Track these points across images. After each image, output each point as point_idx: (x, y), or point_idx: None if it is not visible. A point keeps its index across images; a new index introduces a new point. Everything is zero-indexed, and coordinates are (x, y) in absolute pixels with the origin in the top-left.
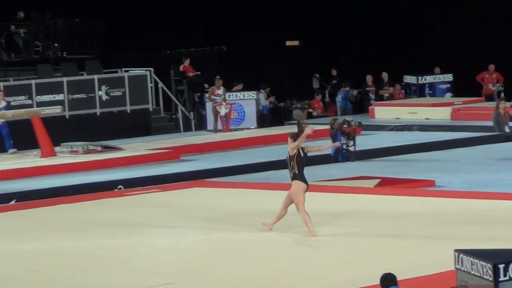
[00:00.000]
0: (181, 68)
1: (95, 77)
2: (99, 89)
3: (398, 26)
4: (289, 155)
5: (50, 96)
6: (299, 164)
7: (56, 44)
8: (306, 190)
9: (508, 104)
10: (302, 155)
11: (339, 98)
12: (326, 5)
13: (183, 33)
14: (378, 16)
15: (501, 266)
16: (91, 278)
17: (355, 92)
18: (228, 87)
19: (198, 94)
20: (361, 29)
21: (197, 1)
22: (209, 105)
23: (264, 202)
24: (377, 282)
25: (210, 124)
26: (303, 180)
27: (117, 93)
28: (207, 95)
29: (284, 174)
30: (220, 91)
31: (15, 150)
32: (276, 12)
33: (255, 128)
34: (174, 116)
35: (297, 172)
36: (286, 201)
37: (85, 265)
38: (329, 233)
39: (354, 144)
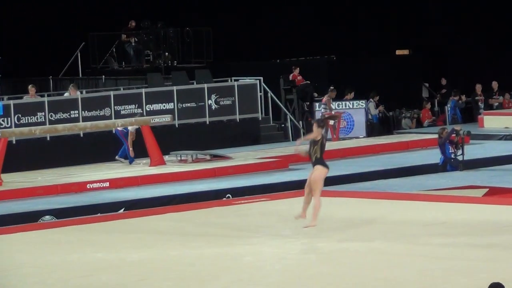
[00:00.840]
0: (290, 77)
1: (205, 86)
2: (209, 98)
3: (509, 34)
4: (313, 140)
5: (160, 105)
6: (322, 149)
7: (166, 53)
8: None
9: None
10: (324, 141)
11: (448, 107)
12: (435, 15)
13: (293, 42)
14: (488, 24)
15: None
16: (196, 287)
17: (463, 99)
18: (338, 96)
19: (308, 103)
20: (470, 37)
21: (305, 10)
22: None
23: (372, 211)
24: None
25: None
26: (325, 165)
27: (226, 102)
28: (317, 104)
29: (391, 184)
30: (331, 100)
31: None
32: (386, 21)
33: (364, 137)
34: (283, 125)
35: (319, 156)
36: (308, 187)
37: (192, 274)
38: (435, 242)
39: (462, 153)
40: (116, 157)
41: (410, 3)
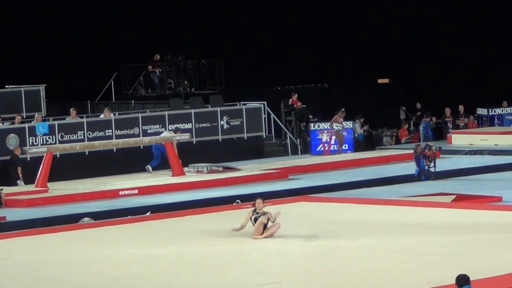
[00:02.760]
0: (290, 101)
1: (218, 109)
2: (221, 119)
3: (469, 66)
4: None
5: (180, 125)
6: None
7: (185, 82)
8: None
9: None
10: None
11: (421, 127)
12: (411, 50)
13: (292, 72)
14: (455, 57)
15: None
16: (211, 277)
17: (434, 120)
18: (330, 118)
19: (304, 123)
20: (441, 70)
21: (302, 47)
22: (314, 133)
23: (358, 214)
24: (453, 282)
25: (314, 149)
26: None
27: (236, 122)
28: (311, 124)
29: (374, 191)
30: (342, 119)
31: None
32: (370, 55)
33: (352, 152)
34: (283, 142)
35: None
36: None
37: (207, 267)
38: (411, 240)
39: (434, 166)
40: (147, 166)
41: (391, 40)
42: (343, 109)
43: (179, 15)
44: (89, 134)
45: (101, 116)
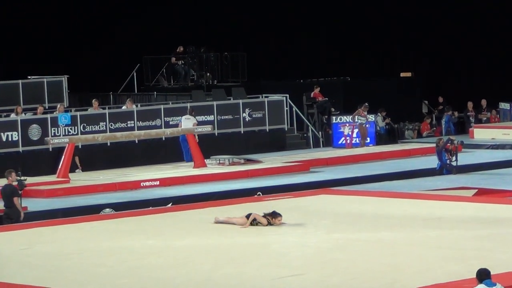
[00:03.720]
0: (312, 94)
1: (240, 101)
2: (243, 112)
3: (497, 59)
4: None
5: (202, 117)
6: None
7: (208, 74)
8: None
9: None
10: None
11: (443, 121)
12: (436, 42)
13: (314, 65)
14: (478, 52)
15: None
16: (230, 269)
17: (456, 114)
18: (353, 111)
19: (326, 116)
20: (464, 63)
21: (325, 39)
22: (336, 126)
23: (379, 208)
24: (473, 276)
25: (336, 142)
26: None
27: (258, 115)
28: (333, 117)
29: (395, 185)
30: (365, 113)
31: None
32: (393, 48)
33: (373, 145)
34: (305, 135)
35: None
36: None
37: (226, 259)
38: (432, 233)
39: (456, 160)
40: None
41: (414, 33)
42: (366, 104)
43: (203, 7)
44: (111, 125)
45: (123, 108)
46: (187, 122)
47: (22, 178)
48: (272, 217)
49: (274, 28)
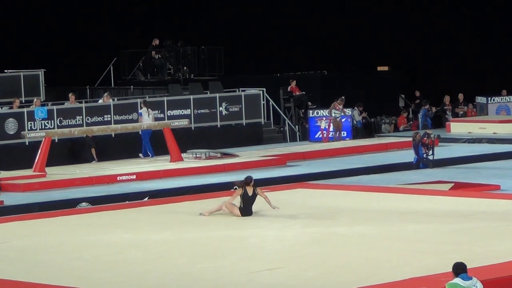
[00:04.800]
0: (288, 88)
1: (217, 95)
2: (220, 106)
3: (474, 53)
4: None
5: (179, 111)
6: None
7: (185, 68)
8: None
9: None
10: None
11: (420, 115)
12: (412, 37)
13: (291, 59)
14: (453, 46)
15: None
16: (207, 263)
17: (433, 109)
18: (329, 105)
19: (303, 110)
20: (440, 56)
21: (302, 32)
22: (313, 120)
23: (355, 201)
24: (450, 270)
25: (312, 136)
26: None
27: (235, 109)
28: (310, 111)
29: (372, 179)
30: (341, 106)
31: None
32: (369, 42)
33: (350, 139)
34: (282, 129)
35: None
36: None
37: (203, 253)
38: (409, 227)
39: (432, 154)
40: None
41: (390, 27)
42: (343, 97)
43: (180, 1)
44: (88, 119)
45: (99, 102)
46: (146, 116)
47: None
48: (246, 185)
49: (251, 21)
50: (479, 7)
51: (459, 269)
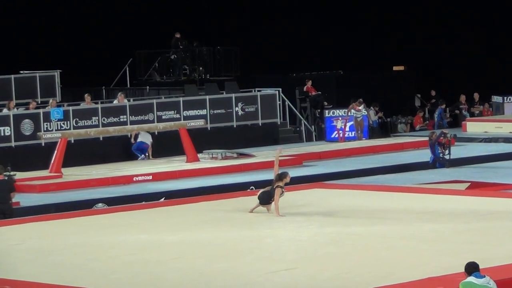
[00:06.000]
0: (304, 88)
1: (233, 95)
2: (236, 106)
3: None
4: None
5: (195, 111)
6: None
7: (201, 68)
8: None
9: None
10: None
11: (436, 114)
12: (427, 37)
13: (307, 59)
14: (470, 46)
15: None
16: (224, 264)
17: (448, 115)
18: (346, 105)
19: (319, 110)
20: (456, 57)
21: (318, 33)
22: (329, 120)
23: (372, 201)
24: (463, 270)
25: (328, 135)
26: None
27: (251, 109)
28: (326, 111)
29: (388, 178)
30: (361, 107)
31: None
32: (385, 42)
33: (366, 139)
34: (298, 129)
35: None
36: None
37: (220, 253)
38: (425, 227)
39: (449, 153)
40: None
41: (407, 26)
42: (360, 99)
43: (196, 1)
44: (104, 120)
45: (114, 102)
46: (145, 136)
47: (12, 173)
48: (281, 180)
49: (267, 22)
50: (494, 5)
51: (472, 268)
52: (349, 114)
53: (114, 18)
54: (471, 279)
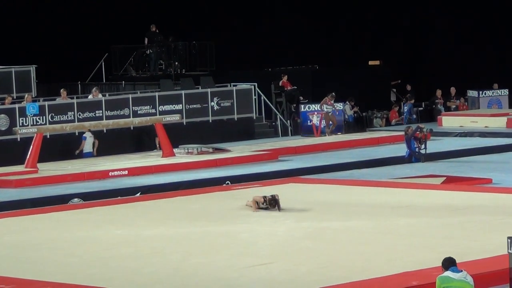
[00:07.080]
0: (280, 83)
1: (208, 90)
2: (211, 101)
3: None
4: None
5: (170, 106)
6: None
7: (176, 63)
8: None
9: None
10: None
11: (405, 110)
12: (403, 32)
13: (282, 54)
14: (445, 40)
15: None
16: (200, 259)
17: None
18: (320, 100)
19: (294, 105)
20: (431, 50)
21: (294, 27)
22: (304, 114)
23: (348, 196)
24: (439, 264)
25: (304, 130)
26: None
27: (226, 104)
28: (302, 105)
29: (364, 173)
30: (332, 102)
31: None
32: (360, 36)
33: (342, 134)
34: (273, 124)
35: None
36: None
37: (196, 248)
38: (401, 222)
39: (425, 148)
40: None
41: (381, 22)
42: (333, 94)
43: None
44: (79, 115)
45: (89, 97)
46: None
47: None
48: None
49: (242, 16)
50: (470, 3)
51: (449, 262)
52: (322, 108)
53: (89, 13)
54: (448, 273)
